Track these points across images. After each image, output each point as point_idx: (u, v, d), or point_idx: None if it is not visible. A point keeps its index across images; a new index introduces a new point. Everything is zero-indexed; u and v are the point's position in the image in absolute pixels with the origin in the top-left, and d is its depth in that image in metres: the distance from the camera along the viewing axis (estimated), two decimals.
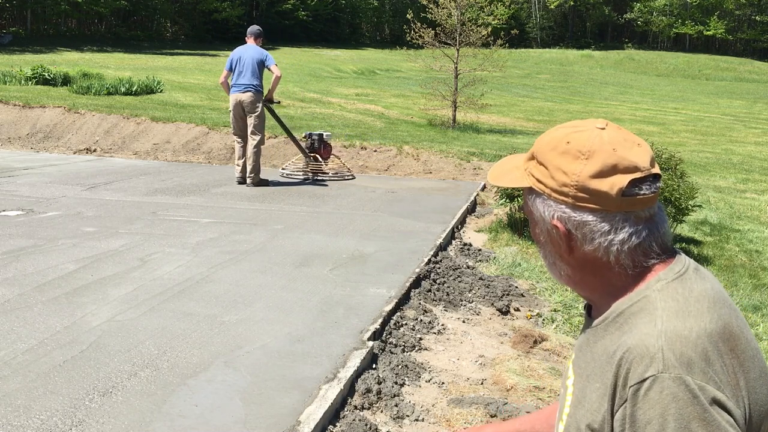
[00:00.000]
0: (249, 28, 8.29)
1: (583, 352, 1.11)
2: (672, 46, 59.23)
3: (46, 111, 11.89)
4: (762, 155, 13.72)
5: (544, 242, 1.11)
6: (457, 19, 13.71)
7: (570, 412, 1.08)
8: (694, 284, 1.02)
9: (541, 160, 1.08)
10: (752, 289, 5.11)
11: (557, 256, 1.10)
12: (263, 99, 8.05)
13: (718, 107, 26.21)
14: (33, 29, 34.79)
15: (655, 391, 0.92)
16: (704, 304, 0.99)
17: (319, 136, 8.87)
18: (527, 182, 1.09)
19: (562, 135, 1.06)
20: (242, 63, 7.87)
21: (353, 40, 50.11)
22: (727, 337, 0.97)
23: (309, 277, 4.60)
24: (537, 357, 3.63)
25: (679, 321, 0.96)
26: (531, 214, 1.12)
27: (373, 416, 2.90)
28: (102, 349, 3.28)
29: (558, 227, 1.05)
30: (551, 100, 24.84)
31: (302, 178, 8.77)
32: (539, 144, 1.09)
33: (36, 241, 5.16)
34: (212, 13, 40.59)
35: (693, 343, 0.94)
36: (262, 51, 7.97)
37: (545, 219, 1.07)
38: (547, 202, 1.06)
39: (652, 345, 0.95)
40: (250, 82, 7.86)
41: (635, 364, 0.95)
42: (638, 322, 0.99)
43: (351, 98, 18.78)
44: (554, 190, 1.05)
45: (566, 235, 1.05)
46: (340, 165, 9.17)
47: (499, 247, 5.83)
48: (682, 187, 5.62)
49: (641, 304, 1.01)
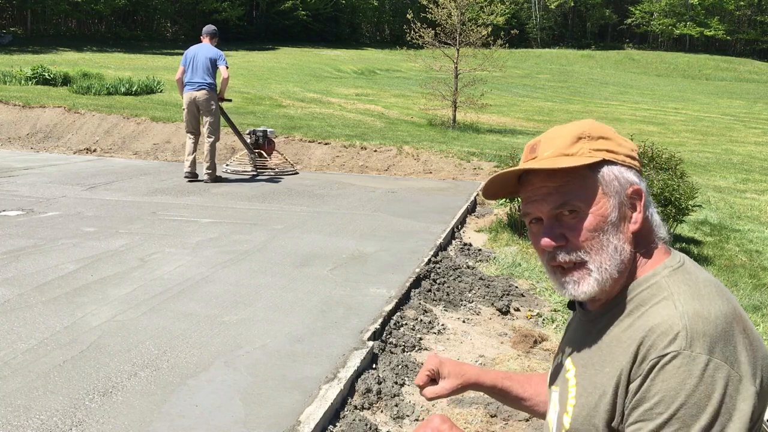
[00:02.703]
0: (204, 28, 8.53)
1: (583, 343, 1.12)
2: (672, 47, 59.21)
3: (46, 111, 11.89)
4: (762, 155, 13.72)
5: (612, 222, 1.07)
6: (457, 19, 13.71)
7: (577, 402, 1.08)
8: (697, 272, 1.07)
9: (599, 134, 1.11)
10: (752, 289, 5.11)
11: (622, 235, 1.08)
12: (216, 97, 8.26)
13: (718, 107, 26.21)
14: (33, 29, 34.78)
15: (674, 365, 0.95)
16: (712, 289, 1.03)
17: (264, 132, 9.16)
18: (597, 157, 1.08)
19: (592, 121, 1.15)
20: (195, 61, 8.07)
21: (353, 40, 50.09)
22: (738, 318, 1.00)
23: (309, 277, 4.60)
24: (537, 357, 3.63)
25: (697, 303, 0.99)
26: (596, 194, 1.07)
27: (373, 416, 2.89)
28: (102, 349, 3.28)
29: (638, 189, 1.09)
30: (551, 100, 24.84)
31: (249, 174, 8.94)
32: (582, 126, 1.12)
33: (36, 241, 5.16)
34: (212, 13, 40.58)
35: (713, 324, 0.97)
36: (216, 50, 8.17)
37: (622, 187, 1.09)
38: (621, 168, 1.09)
39: (676, 324, 0.97)
40: (203, 80, 8.05)
41: (659, 341, 0.97)
42: (657, 306, 1.02)
43: (351, 98, 18.78)
44: (627, 155, 1.11)
45: (642, 198, 1.10)
46: (282, 160, 9.40)
47: (499, 247, 5.83)
48: (682, 187, 5.62)
49: (652, 289, 1.05)
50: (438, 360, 1.38)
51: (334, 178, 9.03)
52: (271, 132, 9.33)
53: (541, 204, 1.09)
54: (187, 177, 8.21)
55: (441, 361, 1.38)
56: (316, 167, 9.89)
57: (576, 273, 1.08)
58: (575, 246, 1.07)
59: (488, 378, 1.39)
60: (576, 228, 1.07)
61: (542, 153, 1.10)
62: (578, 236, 1.07)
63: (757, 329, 4.26)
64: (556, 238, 1.08)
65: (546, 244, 1.09)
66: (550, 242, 1.08)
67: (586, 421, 1.05)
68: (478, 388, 1.39)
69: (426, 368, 1.38)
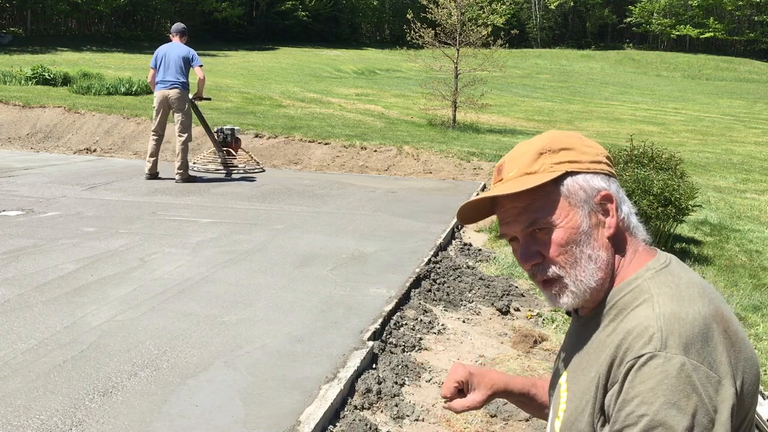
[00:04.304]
0: (173, 26, 8.51)
1: (574, 348, 1.13)
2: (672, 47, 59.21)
3: (46, 111, 11.88)
4: (762, 155, 13.72)
5: (584, 233, 1.08)
6: (457, 19, 13.71)
7: (567, 407, 1.09)
8: (681, 273, 1.06)
9: (561, 146, 1.10)
10: (752, 289, 5.11)
11: (596, 243, 1.08)
12: (194, 96, 8.28)
13: (718, 107, 26.20)
14: (33, 29, 34.78)
15: (650, 366, 0.95)
16: (694, 290, 1.03)
17: (231, 130, 9.24)
18: (559, 170, 1.08)
19: (557, 132, 1.14)
20: (167, 60, 8.02)
21: (353, 40, 50.07)
22: (719, 320, 1.00)
23: (309, 277, 4.60)
24: (537, 357, 3.63)
25: (675, 305, 0.99)
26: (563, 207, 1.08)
27: (373, 416, 2.89)
28: (102, 349, 3.28)
29: (608, 195, 1.09)
30: (551, 100, 24.84)
31: (216, 171, 9.02)
32: (544, 141, 1.12)
33: (36, 241, 5.16)
34: (212, 13, 40.58)
35: (690, 325, 0.97)
36: (189, 49, 8.14)
37: (589, 195, 1.08)
38: (586, 176, 1.09)
39: (651, 326, 0.97)
40: (176, 79, 8.01)
41: (634, 343, 0.98)
42: (636, 309, 1.02)
43: (351, 98, 18.78)
44: (592, 161, 1.09)
45: (613, 202, 1.09)
46: (248, 159, 9.53)
47: (499, 247, 5.83)
48: (682, 187, 5.61)
49: (634, 293, 1.05)
50: (466, 371, 1.35)
51: (334, 178, 9.03)
52: (238, 130, 9.45)
53: (514, 225, 1.11)
54: (149, 178, 8.16)
55: (469, 371, 1.35)
56: (316, 167, 9.89)
57: (555, 287, 1.10)
58: (550, 262, 1.09)
59: (516, 385, 1.37)
60: (548, 244, 1.09)
61: (507, 174, 1.11)
62: (552, 252, 1.08)
63: (756, 329, 4.26)
64: (531, 257, 1.10)
65: (523, 264, 1.12)
66: (527, 262, 1.11)
67: (574, 426, 1.05)
68: (506, 396, 1.37)
69: (454, 379, 1.34)
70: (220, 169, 9.01)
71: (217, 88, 16.94)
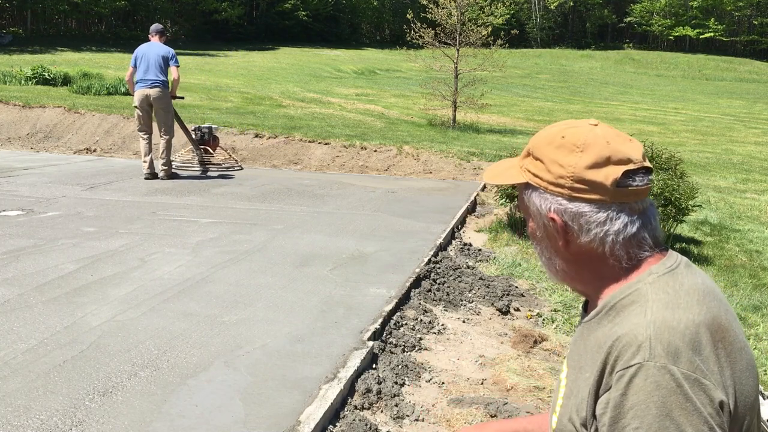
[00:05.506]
0: (152, 27, 8.58)
1: (577, 345, 1.13)
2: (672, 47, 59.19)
3: (46, 111, 11.89)
4: (762, 155, 13.72)
5: (541, 237, 1.14)
6: (457, 19, 13.71)
7: (563, 403, 1.10)
8: (685, 278, 1.05)
9: (537, 155, 1.11)
10: (752, 289, 5.11)
11: (553, 251, 1.12)
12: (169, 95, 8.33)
13: (718, 107, 26.21)
14: (33, 29, 34.79)
15: (640, 378, 0.94)
16: (694, 297, 1.02)
17: (209, 129, 9.31)
18: (523, 178, 1.12)
19: (557, 131, 1.10)
20: (147, 59, 8.09)
21: (353, 40, 50.10)
22: (715, 328, 0.99)
23: (309, 277, 4.60)
24: (537, 357, 3.63)
25: (669, 312, 0.98)
26: (527, 209, 1.15)
27: (373, 416, 2.89)
28: (102, 349, 3.28)
29: (555, 219, 1.08)
30: (551, 100, 24.84)
31: (194, 169, 9.06)
32: (534, 141, 1.13)
33: (36, 241, 5.16)
34: (212, 13, 40.60)
35: (681, 333, 0.96)
36: (168, 48, 8.23)
37: (542, 212, 1.10)
38: (543, 195, 1.09)
39: (640, 334, 0.97)
40: (156, 78, 8.09)
41: (623, 352, 0.97)
42: (629, 314, 1.01)
43: (351, 98, 18.78)
44: (551, 182, 1.08)
45: (563, 227, 1.08)
46: (227, 156, 9.60)
47: (499, 247, 5.83)
48: (682, 187, 5.61)
49: (633, 296, 1.04)
50: None
51: (334, 178, 9.03)
52: (216, 128, 9.50)
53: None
54: (148, 178, 8.20)
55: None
56: (316, 167, 9.89)
57: None
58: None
59: (509, 429, 1.41)
60: None
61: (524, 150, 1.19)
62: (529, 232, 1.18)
63: (756, 329, 4.26)
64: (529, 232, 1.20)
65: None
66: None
67: (569, 422, 1.06)
68: None
69: None
70: (196, 166, 9.08)
71: (217, 88, 16.95)
